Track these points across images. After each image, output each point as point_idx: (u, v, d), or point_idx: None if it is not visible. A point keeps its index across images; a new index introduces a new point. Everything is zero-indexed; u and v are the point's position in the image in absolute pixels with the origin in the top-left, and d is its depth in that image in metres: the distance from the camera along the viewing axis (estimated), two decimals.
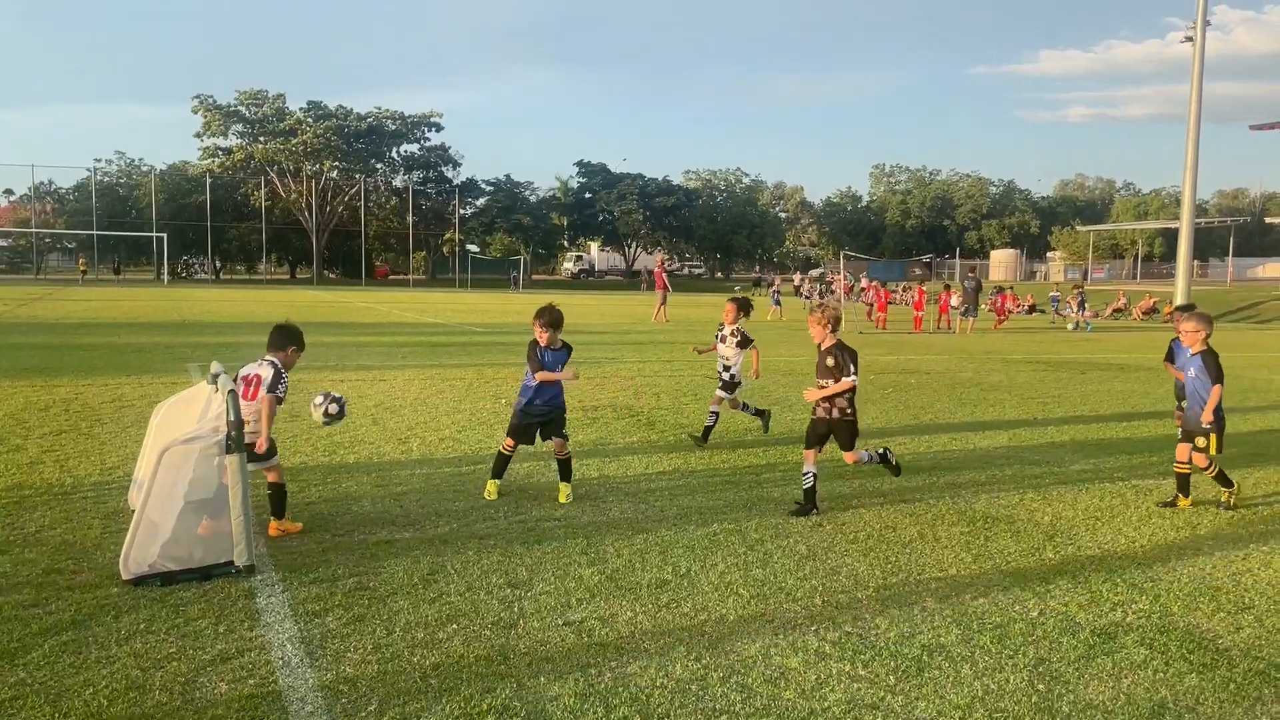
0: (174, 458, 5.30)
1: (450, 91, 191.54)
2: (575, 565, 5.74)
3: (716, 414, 9.81)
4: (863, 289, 41.71)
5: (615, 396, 12.85)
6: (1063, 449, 9.96)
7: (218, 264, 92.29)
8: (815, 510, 7.04)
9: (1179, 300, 44.22)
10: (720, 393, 9.78)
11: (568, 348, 7.47)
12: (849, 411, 7.23)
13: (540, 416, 7.31)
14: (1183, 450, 7.59)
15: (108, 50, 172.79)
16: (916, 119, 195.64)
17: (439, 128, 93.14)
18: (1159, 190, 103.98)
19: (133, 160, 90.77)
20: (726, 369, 9.73)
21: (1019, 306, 29.34)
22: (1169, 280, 53.94)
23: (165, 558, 5.23)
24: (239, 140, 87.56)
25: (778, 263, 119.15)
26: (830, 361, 7.19)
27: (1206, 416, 7.38)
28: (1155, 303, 45.60)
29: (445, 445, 9.37)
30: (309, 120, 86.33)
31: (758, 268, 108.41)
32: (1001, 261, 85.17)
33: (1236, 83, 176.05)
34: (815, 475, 7.10)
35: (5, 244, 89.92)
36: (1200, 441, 7.41)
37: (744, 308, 9.88)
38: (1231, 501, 7.53)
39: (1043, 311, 48.71)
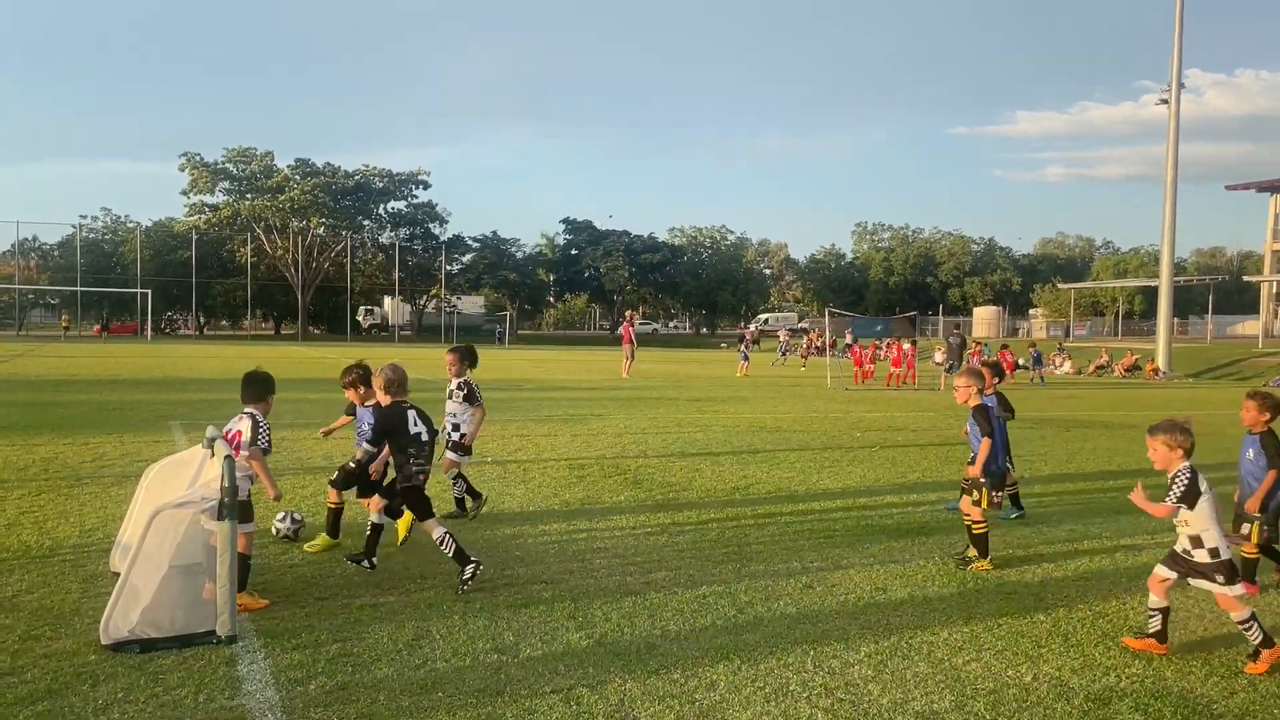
0: (164, 522, 5.22)
1: (437, 148, 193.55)
2: (563, 630, 5.66)
3: (458, 479, 8.69)
4: (847, 345, 41.92)
5: (602, 454, 12.79)
6: (1050, 508, 9.95)
7: (202, 320, 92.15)
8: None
9: (1161, 358, 44.65)
10: (450, 455, 8.60)
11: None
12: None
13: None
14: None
15: (96, 108, 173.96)
16: (898, 178, 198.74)
17: (426, 185, 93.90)
18: (1138, 249, 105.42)
19: (118, 217, 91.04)
20: (456, 428, 8.66)
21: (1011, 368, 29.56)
22: (1150, 337, 54.42)
23: (145, 624, 5.13)
24: (226, 197, 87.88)
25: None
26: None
27: (1253, 505, 6.87)
28: (1137, 359, 45.92)
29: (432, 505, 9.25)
30: (296, 177, 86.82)
31: (742, 324, 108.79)
32: (984, 318, 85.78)
33: (1210, 144, 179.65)
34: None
35: None
36: (1244, 529, 6.89)
37: (467, 358, 8.98)
38: None
39: (1025, 368, 49.05)
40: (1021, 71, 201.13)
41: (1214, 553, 5.36)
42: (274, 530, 7.58)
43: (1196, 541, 5.41)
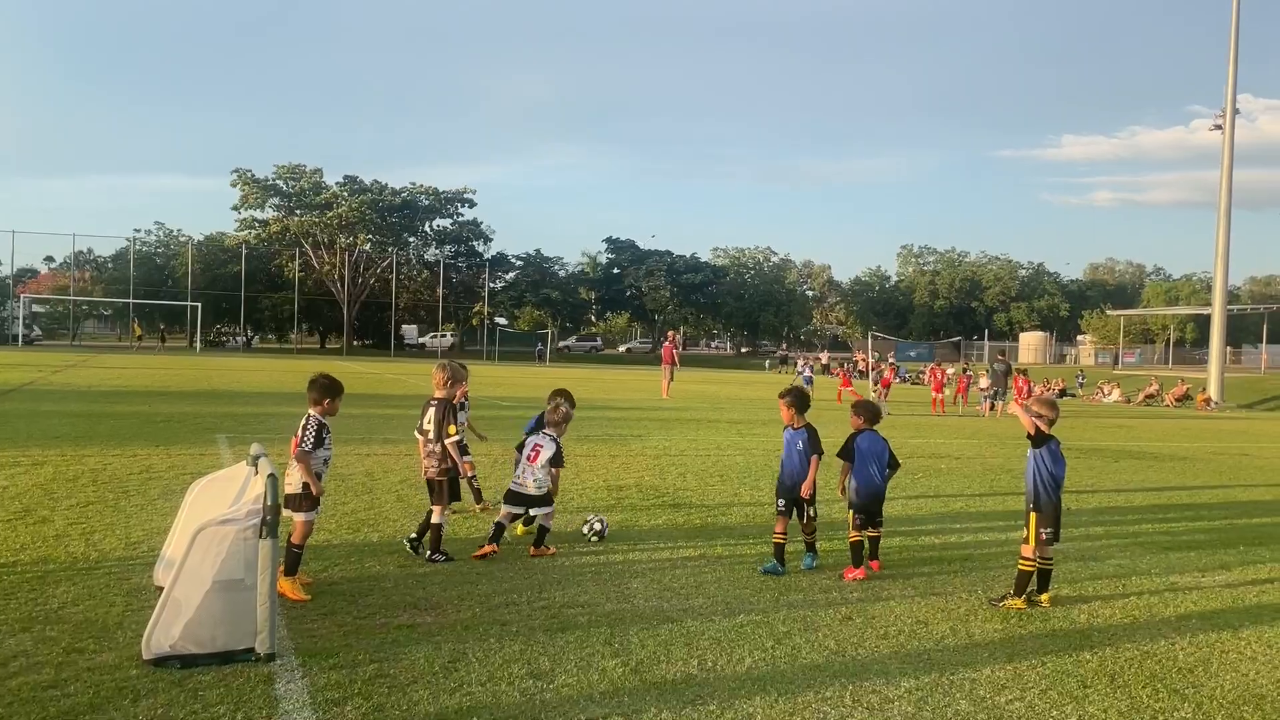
0: (207, 538, 5.28)
1: (483, 166, 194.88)
2: (599, 656, 5.63)
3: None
4: (872, 368, 41.54)
5: (641, 476, 12.76)
6: (1097, 543, 9.75)
7: (249, 333, 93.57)
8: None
9: (1213, 388, 43.74)
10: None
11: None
12: None
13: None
14: None
15: (151, 123, 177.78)
16: (943, 200, 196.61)
17: (472, 203, 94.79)
18: (1190, 276, 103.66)
19: (171, 231, 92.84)
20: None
21: (1023, 391, 29.41)
22: (1201, 366, 53.41)
23: (187, 639, 5.18)
24: (275, 213, 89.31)
25: (804, 341, 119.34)
26: None
27: None
28: (1188, 389, 45.05)
29: (469, 525, 9.30)
30: (345, 194, 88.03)
31: (784, 345, 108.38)
32: (1031, 344, 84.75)
33: (1264, 170, 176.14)
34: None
35: (43, 310, 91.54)
36: None
37: (456, 376, 8.48)
38: None
39: (1073, 395, 48.28)
40: (1069, 95, 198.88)
41: None
42: (583, 531, 8.76)
43: None
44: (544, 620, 6.30)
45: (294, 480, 6.74)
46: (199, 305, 74.32)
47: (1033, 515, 7.23)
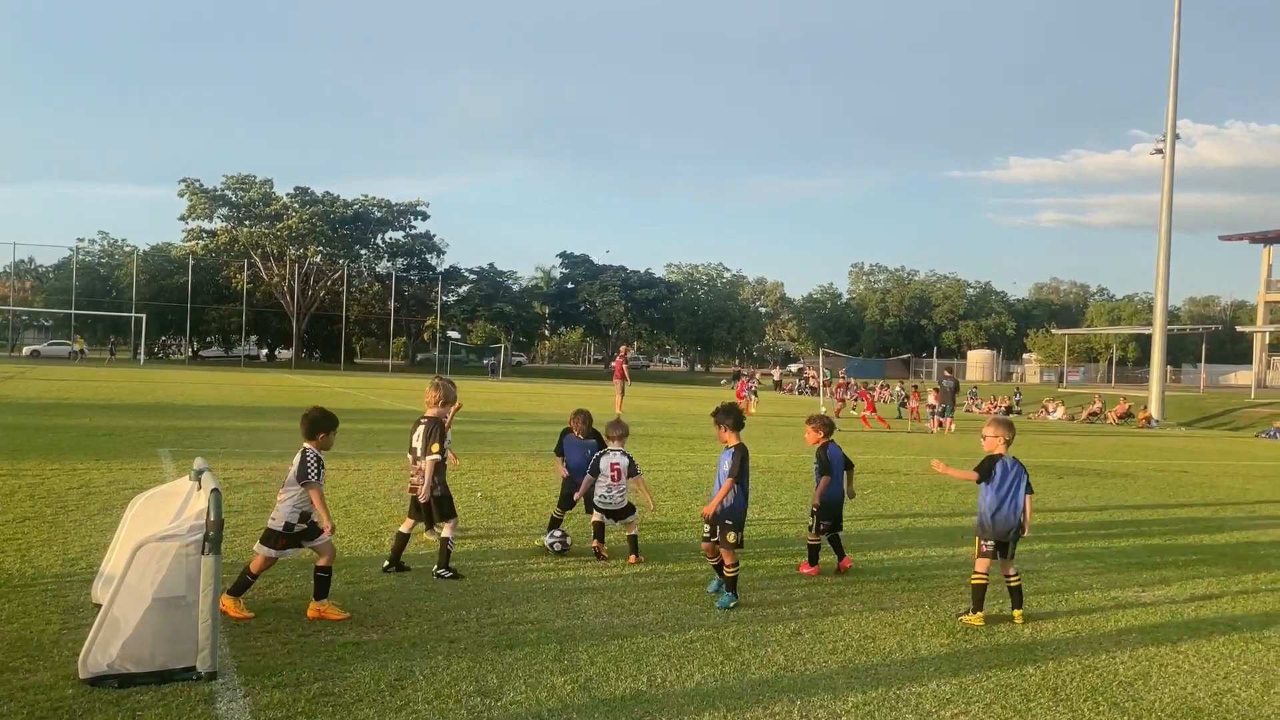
0: (148, 554, 5.17)
1: (437, 179, 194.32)
2: (548, 673, 5.60)
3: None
4: (839, 385, 41.89)
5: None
6: (1041, 558, 9.90)
7: (195, 345, 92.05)
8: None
9: (1154, 406, 44.73)
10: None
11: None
12: None
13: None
14: None
15: (97, 130, 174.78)
16: (894, 219, 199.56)
17: (425, 216, 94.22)
18: (1132, 296, 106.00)
19: (115, 240, 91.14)
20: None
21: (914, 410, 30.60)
22: (1143, 385, 54.60)
23: (125, 658, 5.06)
24: (224, 224, 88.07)
25: (757, 357, 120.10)
26: None
27: None
28: (1130, 407, 46.01)
29: (417, 541, 9.20)
30: (295, 206, 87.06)
31: (737, 361, 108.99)
32: (978, 362, 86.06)
33: (1203, 194, 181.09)
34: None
35: None
36: None
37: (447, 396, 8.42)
38: None
39: (1018, 412, 49.07)
40: (1015, 118, 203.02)
41: None
42: (546, 544, 8.80)
43: None
44: (493, 637, 6.25)
45: (276, 515, 6.57)
46: (144, 317, 72.97)
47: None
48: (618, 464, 8.75)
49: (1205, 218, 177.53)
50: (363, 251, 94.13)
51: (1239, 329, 78.31)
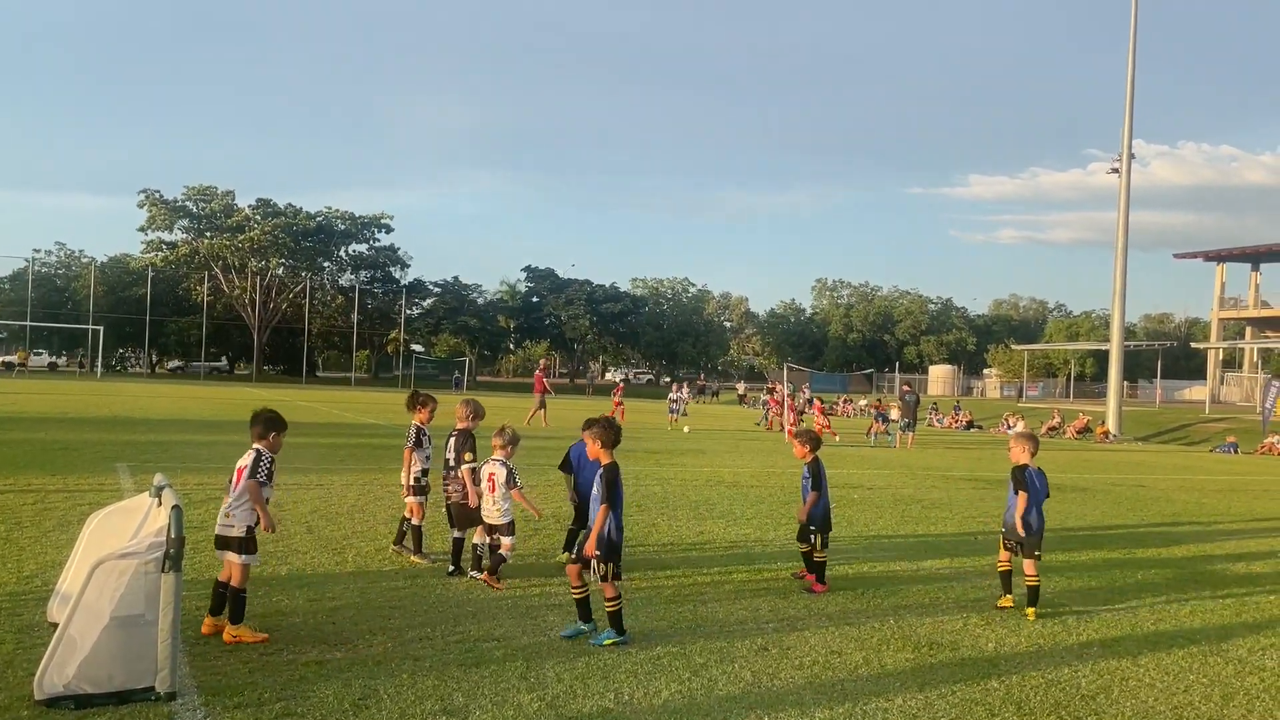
0: (106, 572, 5.08)
1: (401, 191, 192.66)
2: (514, 690, 5.56)
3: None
4: (807, 400, 42.07)
5: (558, 506, 12.68)
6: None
7: (154, 358, 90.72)
8: None
9: (1111, 421, 45.40)
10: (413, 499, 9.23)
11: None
12: None
13: None
14: None
15: (53, 139, 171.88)
16: (857, 235, 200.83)
17: (389, 229, 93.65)
18: (1089, 312, 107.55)
19: (73, 251, 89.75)
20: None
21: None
22: (1101, 400, 55.33)
23: (82, 678, 4.96)
24: (184, 235, 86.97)
25: (722, 371, 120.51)
26: None
27: None
28: (1088, 421, 46.63)
29: (382, 557, 9.13)
30: (257, 217, 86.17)
31: (701, 375, 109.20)
32: (940, 377, 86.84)
33: (1157, 212, 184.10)
34: None
35: None
36: None
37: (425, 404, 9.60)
38: None
39: (980, 427, 49.56)
40: (975, 136, 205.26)
41: None
42: (474, 546, 8.57)
43: None
44: (459, 654, 6.20)
45: (237, 522, 6.43)
46: (101, 329, 71.80)
47: None
48: (494, 474, 8.24)
49: (1159, 236, 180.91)
50: (326, 264, 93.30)
51: (1193, 345, 79.83)
